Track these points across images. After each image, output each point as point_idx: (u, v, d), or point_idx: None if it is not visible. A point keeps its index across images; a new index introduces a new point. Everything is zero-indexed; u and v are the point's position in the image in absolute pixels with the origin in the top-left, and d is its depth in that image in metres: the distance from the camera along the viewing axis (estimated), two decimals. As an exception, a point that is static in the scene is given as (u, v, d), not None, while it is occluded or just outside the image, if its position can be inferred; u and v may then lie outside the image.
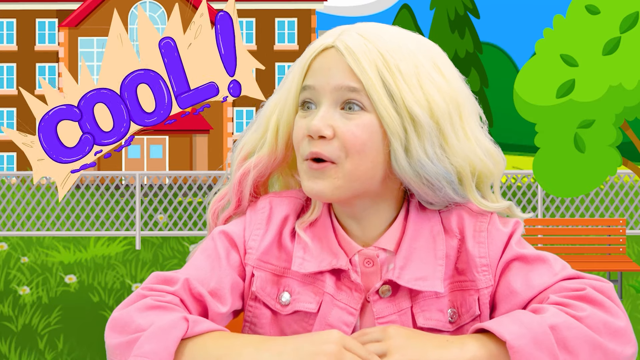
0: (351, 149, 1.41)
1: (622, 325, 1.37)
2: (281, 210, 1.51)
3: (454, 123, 1.43)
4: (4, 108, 36.70)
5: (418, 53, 1.44)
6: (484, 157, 1.45)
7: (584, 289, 1.39)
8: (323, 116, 1.42)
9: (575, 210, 15.75)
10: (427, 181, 1.42)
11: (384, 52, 1.42)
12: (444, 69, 1.46)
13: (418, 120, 1.40)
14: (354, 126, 1.41)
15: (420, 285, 1.43)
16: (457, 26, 38.91)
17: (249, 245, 1.49)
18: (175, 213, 15.25)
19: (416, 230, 1.46)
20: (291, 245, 1.49)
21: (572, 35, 8.78)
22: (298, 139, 1.46)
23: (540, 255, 1.47)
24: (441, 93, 1.43)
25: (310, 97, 1.46)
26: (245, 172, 1.53)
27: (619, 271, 9.02)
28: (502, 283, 1.45)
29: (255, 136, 1.55)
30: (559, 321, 1.34)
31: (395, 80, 1.40)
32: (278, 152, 1.52)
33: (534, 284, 1.43)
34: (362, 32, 1.44)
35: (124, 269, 11.52)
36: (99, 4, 36.34)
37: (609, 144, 8.80)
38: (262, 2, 37.00)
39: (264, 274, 1.48)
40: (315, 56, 1.46)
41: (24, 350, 7.24)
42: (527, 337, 1.31)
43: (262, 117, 1.55)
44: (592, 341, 1.34)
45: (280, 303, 1.47)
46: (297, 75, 1.48)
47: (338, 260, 1.45)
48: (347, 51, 1.42)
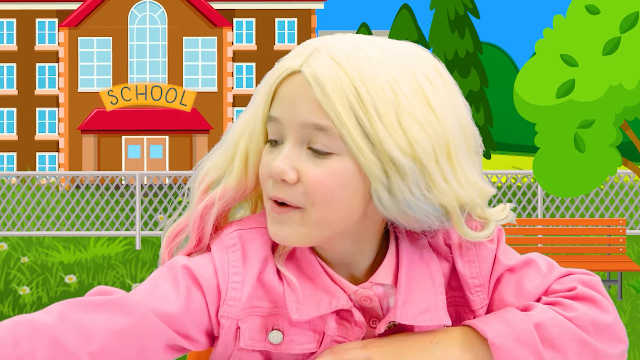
0: (317, 197, 1.24)
1: (611, 321, 1.36)
2: (255, 246, 1.32)
3: (440, 163, 1.26)
4: (4, 108, 36.68)
5: (401, 80, 1.24)
6: (473, 194, 1.31)
7: (574, 288, 1.39)
8: (286, 156, 1.24)
9: (575, 210, 15.75)
10: (414, 218, 1.28)
11: (357, 82, 1.22)
12: (433, 97, 1.26)
13: (399, 165, 1.23)
14: (321, 173, 1.24)
15: (425, 321, 1.34)
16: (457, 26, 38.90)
17: (229, 297, 1.29)
18: (175, 213, 15.24)
19: (409, 259, 1.36)
20: (278, 284, 1.32)
21: (572, 35, 8.78)
22: (263, 178, 1.28)
23: (525, 260, 1.42)
24: (425, 131, 1.24)
25: (275, 132, 1.27)
26: (207, 206, 1.33)
27: (619, 271, 9.03)
28: (495, 298, 1.42)
29: (221, 162, 1.34)
30: (544, 318, 1.33)
31: (370, 120, 1.22)
32: (248, 183, 1.33)
33: (526, 290, 1.40)
34: (335, 53, 1.24)
35: (124, 269, 11.52)
36: (99, 4, 36.32)
37: (609, 144, 8.80)
38: (262, 2, 36.99)
39: (251, 322, 1.32)
40: (281, 81, 1.26)
41: (24, 350, 7.25)
42: (510, 334, 1.30)
43: (229, 142, 1.33)
44: (580, 339, 1.33)
45: (271, 342, 1.32)
46: (263, 102, 1.28)
47: (339, 300, 1.31)
48: (314, 81, 1.22)
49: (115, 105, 35.82)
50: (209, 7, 36.28)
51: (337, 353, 1.31)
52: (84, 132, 35.75)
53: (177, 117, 35.91)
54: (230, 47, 36.63)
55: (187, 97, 35.85)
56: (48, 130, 36.81)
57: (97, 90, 36.06)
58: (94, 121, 35.85)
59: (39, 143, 36.77)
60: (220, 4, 36.75)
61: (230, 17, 36.89)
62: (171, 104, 35.84)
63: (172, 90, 35.86)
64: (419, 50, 1.29)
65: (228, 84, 36.52)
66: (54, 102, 36.69)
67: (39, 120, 36.79)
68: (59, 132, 36.34)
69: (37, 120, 36.78)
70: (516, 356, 1.31)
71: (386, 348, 1.32)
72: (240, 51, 37.04)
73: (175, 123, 35.90)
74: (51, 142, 36.62)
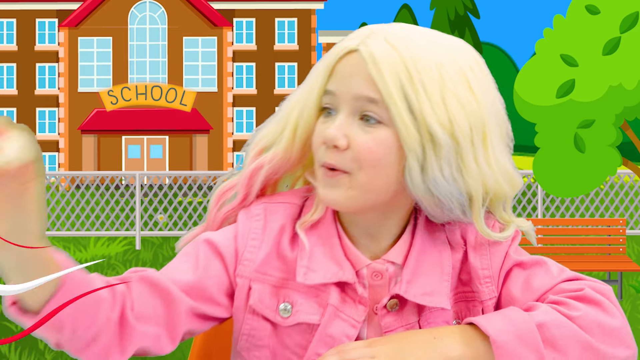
0: (365, 162, 1.36)
1: (617, 325, 1.36)
2: (276, 218, 1.45)
3: (475, 144, 1.37)
4: (4, 108, 36.69)
5: (447, 65, 1.36)
6: (501, 179, 1.41)
7: (582, 289, 1.39)
8: (339, 125, 1.37)
9: (575, 210, 15.76)
10: (438, 200, 1.38)
11: (409, 62, 1.35)
12: (474, 83, 1.38)
13: (437, 140, 1.34)
14: (370, 140, 1.35)
15: (427, 301, 1.41)
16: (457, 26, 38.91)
17: (244, 257, 1.43)
18: (175, 213, 15.25)
19: (423, 245, 1.44)
20: (291, 254, 1.43)
21: (572, 35, 8.78)
22: (316, 145, 1.40)
23: (537, 260, 1.46)
24: (465, 111, 1.36)
25: (331, 103, 1.40)
26: (258, 167, 1.47)
27: (619, 271, 9.03)
28: (503, 292, 1.45)
29: (274, 131, 1.47)
30: (547, 319, 1.34)
31: (417, 94, 1.34)
32: (294, 152, 1.46)
33: (534, 287, 1.43)
34: (390, 37, 1.37)
35: (124, 269, 11.52)
36: (99, 4, 36.33)
37: (609, 144, 8.80)
38: (262, 2, 36.99)
39: (262, 286, 1.43)
40: (339, 59, 1.39)
41: (24, 350, 7.24)
42: (512, 333, 1.31)
43: (282, 113, 1.47)
44: (583, 341, 1.33)
45: (281, 315, 1.42)
46: (320, 77, 1.41)
47: (344, 272, 1.41)
48: (370, 59, 1.35)
49: (115, 105, 35.83)
50: (209, 7, 36.29)
51: (341, 352, 1.33)
52: (84, 132, 35.76)
53: (177, 117, 35.92)
54: (230, 47, 36.64)
55: (187, 97, 35.86)
56: (48, 130, 36.83)
57: (97, 90, 36.07)
58: (94, 121, 35.86)
59: (39, 143, 36.65)
60: (220, 4, 36.76)
61: (230, 17, 36.90)
62: (171, 104, 35.85)
63: (172, 90, 35.87)
64: (463, 44, 1.42)
65: (228, 84, 36.53)
66: (54, 102, 36.71)
67: (39, 120, 36.81)
68: (59, 132, 36.36)
69: (37, 120, 36.80)
70: (517, 354, 1.32)
71: (390, 345, 1.33)
72: (240, 51, 37.05)
73: (175, 123, 35.91)
74: (51, 142, 36.63)
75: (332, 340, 1.40)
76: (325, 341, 1.41)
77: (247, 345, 1.44)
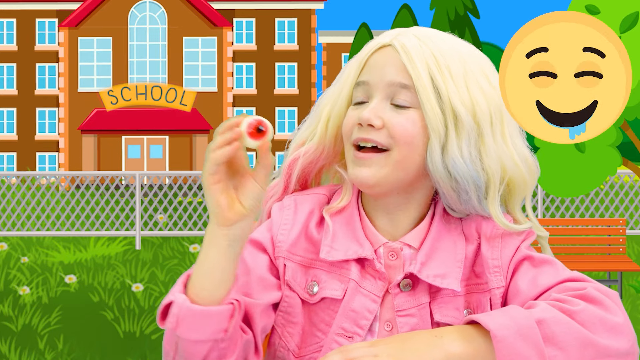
0: (400, 139, 1.47)
1: (620, 321, 1.38)
2: (305, 206, 1.57)
3: (494, 126, 1.50)
4: (4, 108, 36.69)
5: (468, 58, 1.52)
6: (519, 162, 1.52)
7: (584, 288, 1.41)
8: (374, 107, 1.49)
9: (575, 210, 15.76)
10: (455, 182, 1.48)
11: (437, 52, 1.50)
12: (492, 77, 1.53)
13: (460, 119, 1.47)
14: (403, 119, 1.48)
15: (438, 282, 1.49)
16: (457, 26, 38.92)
17: (278, 240, 1.55)
18: (175, 213, 15.24)
19: (439, 233, 1.53)
20: (318, 236, 1.54)
21: (572, 35, 8.78)
22: (348, 128, 1.52)
23: (548, 259, 1.51)
24: (486, 97, 1.50)
25: (363, 93, 1.53)
26: (295, 158, 1.59)
27: (619, 271, 9.02)
28: (511, 284, 1.50)
29: (307, 126, 1.61)
30: (547, 316, 1.36)
31: (443, 78, 1.48)
32: (326, 143, 1.58)
33: (539, 283, 1.46)
34: (418, 34, 1.52)
35: (123, 269, 11.52)
36: (99, 4, 36.33)
37: (609, 144, 8.78)
38: (262, 2, 36.99)
39: (294, 265, 1.54)
40: (372, 53, 1.53)
41: (24, 350, 7.24)
42: (512, 328, 1.34)
43: (316, 110, 1.60)
44: (582, 337, 1.35)
45: (309, 293, 1.53)
46: (353, 71, 1.55)
47: (364, 249, 1.51)
48: (402, 49, 1.50)
49: (115, 105, 35.82)
50: (209, 7, 36.28)
51: (344, 351, 1.37)
52: (84, 132, 35.75)
53: (177, 117, 35.91)
54: (230, 47, 36.63)
55: (187, 97, 35.85)
56: (48, 130, 36.82)
57: (97, 90, 36.06)
58: (94, 121, 35.85)
59: (39, 143, 36.78)
60: (220, 4, 36.75)
61: (230, 17, 36.89)
62: (171, 104, 35.84)
63: (172, 90, 35.87)
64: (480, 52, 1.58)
65: (228, 84, 36.52)
66: (54, 102, 36.70)
67: (39, 120, 36.80)
68: (59, 132, 36.35)
69: (37, 120, 36.79)
70: (517, 350, 1.34)
71: (392, 345, 1.37)
72: (240, 51, 37.05)
73: (175, 123, 35.90)
74: (51, 142, 36.62)
75: (355, 315, 1.50)
76: (348, 315, 1.50)
77: (282, 322, 1.54)
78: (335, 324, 1.50)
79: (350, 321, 1.50)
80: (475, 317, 1.37)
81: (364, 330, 1.50)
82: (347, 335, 1.49)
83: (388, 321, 1.51)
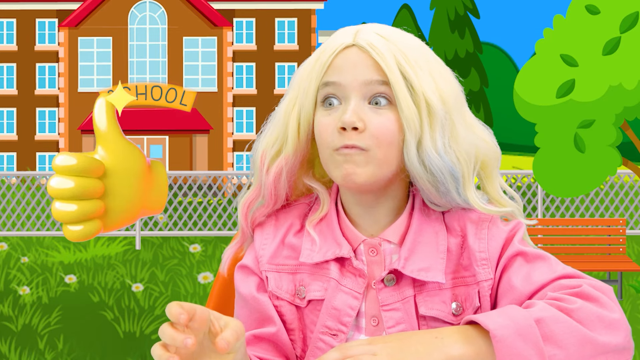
0: (383, 140, 1.49)
1: (616, 317, 1.39)
2: (286, 219, 1.61)
3: (461, 112, 1.54)
4: (4, 108, 36.68)
5: (425, 50, 1.55)
6: (488, 139, 1.56)
7: (580, 286, 1.41)
8: (353, 110, 1.50)
9: (575, 210, 15.76)
10: (432, 176, 1.50)
11: (402, 47, 1.52)
12: (444, 67, 1.57)
13: (433, 110, 1.50)
14: (384, 120, 1.50)
15: (422, 276, 1.50)
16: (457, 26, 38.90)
17: (259, 255, 1.60)
18: (175, 213, 15.25)
19: (420, 226, 1.55)
20: (298, 242, 1.58)
21: (572, 35, 8.78)
22: (326, 134, 1.52)
23: (541, 254, 1.51)
24: (448, 84, 1.53)
25: (334, 93, 1.53)
26: (277, 172, 1.59)
27: (619, 271, 9.02)
28: (503, 279, 1.50)
29: (275, 137, 1.60)
30: (545, 315, 1.36)
31: (414, 71, 1.50)
32: (302, 146, 1.59)
33: (533, 280, 1.47)
34: (378, 31, 1.53)
35: (123, 269, 11.52)
36: (99, 4, 36.33)
37: (609, 144, 8.79)
38: (262, 2, 36.99)
39: (276, 275, 1.58)
40: (337, 54, 1.53)
41: (24, 350, 7.24)
42: (511, 328, 1.34)
43: (279, 117, 1.60)
44: (581, 335, 1.36)
45: (300, 297, 1.57)
46: (316, 73, 1.55)
47: (341, 249, 1.54)
48: (371, 48, 1.51)
49: (115, 105, 35.76)
50: (209, 7, 36.28)
51: (342, 349, 1.36)
52: (84, 132, 35.75)
53: (177, 117, 35.91)
54: (230, 47, 36.63)
55: (187, 97, 35.86)
56: (48, 130, 36.81)
57: (97, 90, 36.05)
58: (94, 121, 35.81)
59: (39, 143, 36.77)
60: (220, 4, 36.75)
61: (230, 17, 36.89)
62: (171, 104, 35.85)
63: (172, 90, 35.87)
64: None
65: (228, 84, 36.51)
66: (54, 102, 36.69)
67: (39, 120, 36.79)
68: (59, 132, 36.34)
69: (37, 120, 36.78)
70: (517, 349, 1.34)
71: (391, 344, 1.36)
72: (240, 51, 37.04)
73: (175, 123, 35.90)
74: (51, 142, 36.62)
75: (337, 312, 1.52)
76: (331, 313, 1.53)
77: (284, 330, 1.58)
78: (319, 323, 1.54)
79: (333, 319, 1.53)
80: (474, 318, 1.37)
81: (348, 327, 1.52)
82: (331, 333, 1.52)
83: (374, 316, 1.53)
